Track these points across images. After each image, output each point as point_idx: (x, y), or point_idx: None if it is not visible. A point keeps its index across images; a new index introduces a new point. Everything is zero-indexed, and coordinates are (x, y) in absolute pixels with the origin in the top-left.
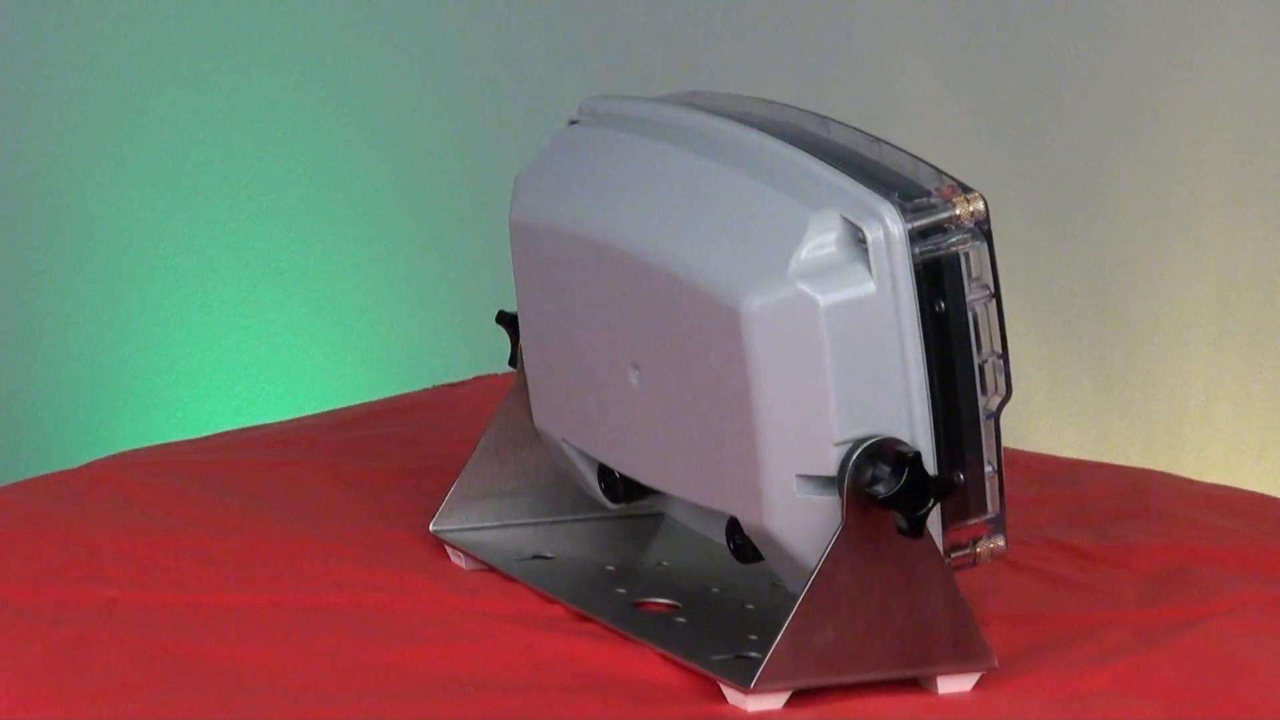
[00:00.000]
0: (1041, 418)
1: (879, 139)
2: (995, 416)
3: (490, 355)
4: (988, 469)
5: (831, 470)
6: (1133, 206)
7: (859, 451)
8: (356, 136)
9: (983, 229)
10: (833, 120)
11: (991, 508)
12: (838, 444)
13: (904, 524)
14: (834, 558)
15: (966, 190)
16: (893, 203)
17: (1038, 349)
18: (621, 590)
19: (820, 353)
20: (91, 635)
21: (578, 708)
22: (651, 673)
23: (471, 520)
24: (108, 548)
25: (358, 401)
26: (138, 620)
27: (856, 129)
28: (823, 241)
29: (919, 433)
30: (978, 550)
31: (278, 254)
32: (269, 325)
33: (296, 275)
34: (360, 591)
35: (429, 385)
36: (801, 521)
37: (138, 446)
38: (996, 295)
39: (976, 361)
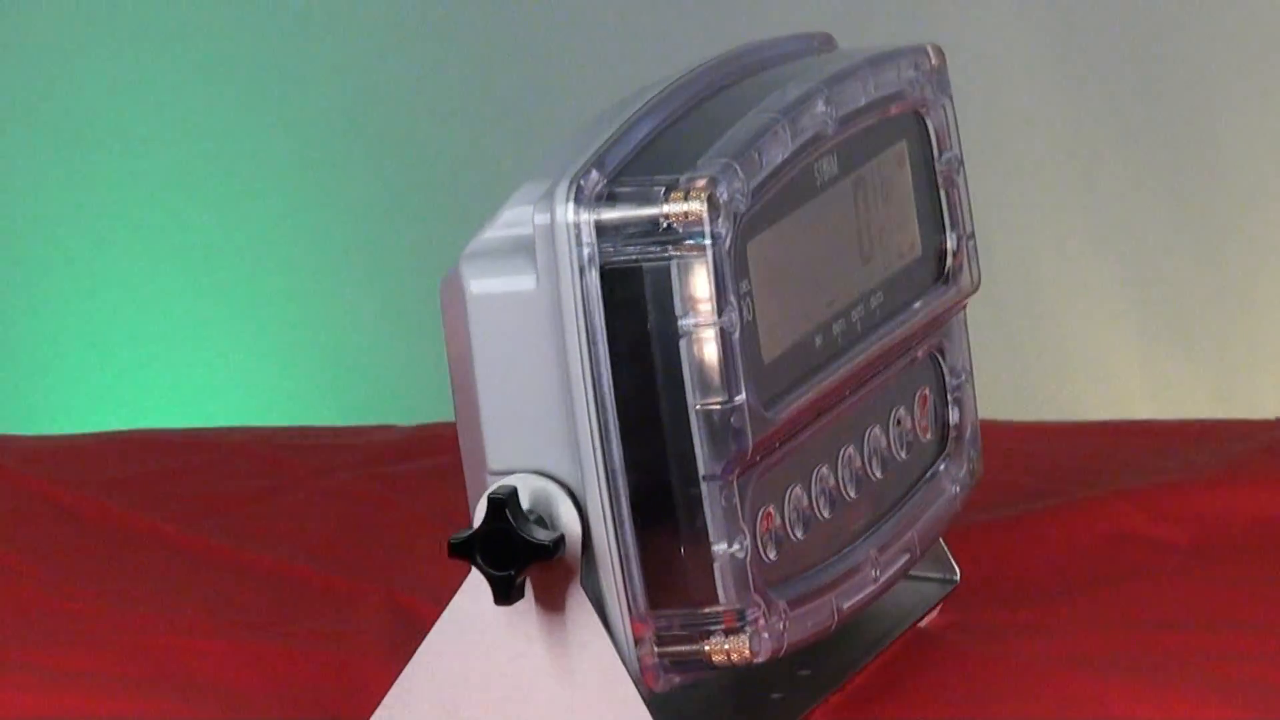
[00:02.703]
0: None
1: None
2: (726, 476)
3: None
4: (720, 545)
5: None
6: (1260, 167)
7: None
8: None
9: (700, 238)
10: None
11: (728, 597)
12: (492, 473)
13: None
14: (452, 620)
15: (693, 186)
16: (578, 183)
17: (1140, 349)
18: None
19: (470, 353)
20: None
21: None
22: None
23: None
24: None
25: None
26: None
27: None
28: (520, 216)
29: (588, 483)
30: (705, 649)
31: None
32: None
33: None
34: None
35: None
36: None
37: None
38: (744, 318)
39: (694, 405)
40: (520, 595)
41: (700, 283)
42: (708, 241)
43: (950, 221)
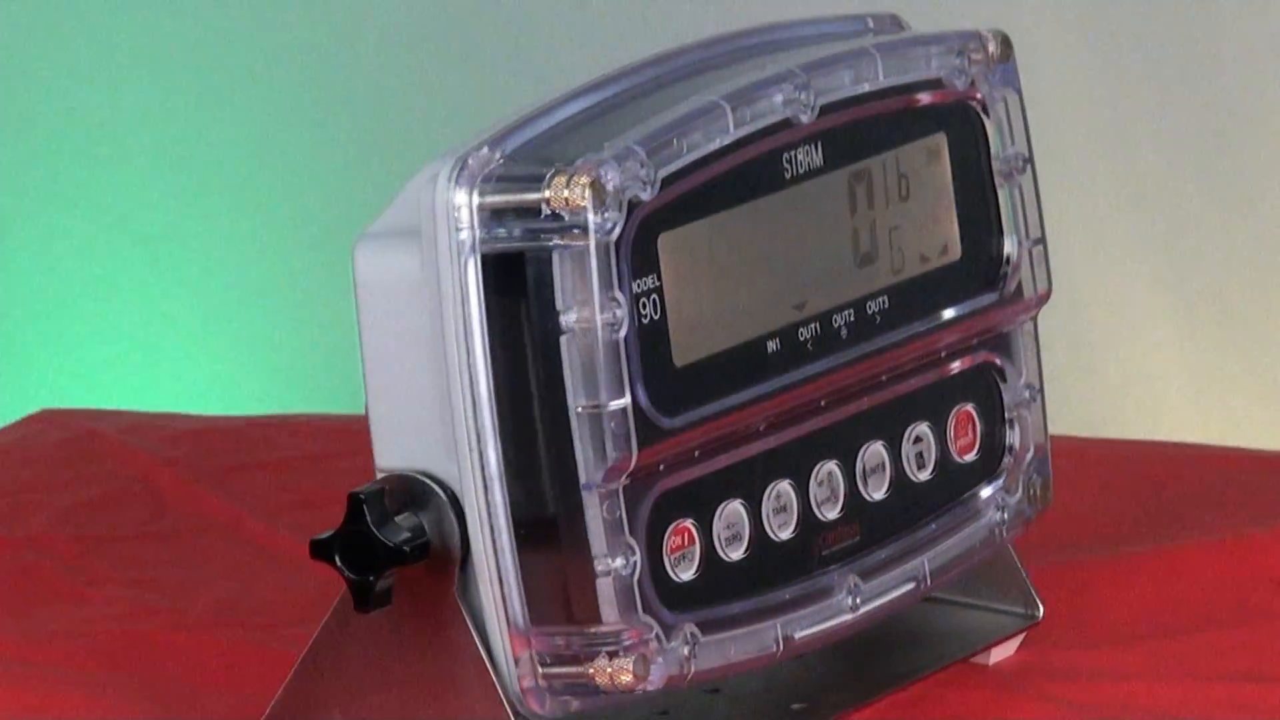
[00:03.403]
0: (1186, 427)
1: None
2: (608, 485)
3: None
4: (602, 563)
5: None
6: None
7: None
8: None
9: (583, 227)
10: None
11: (610, 616)
12: (380, 471)
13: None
14: (330, 627)
15: (576, 171)
16: (465, 162)
17: (1179, 348)
18: None
19: (360, 342)
20: None
21: None
22: None
23: None
24: None
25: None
26: None
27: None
28: (416, 196)
29: (465, 487)
30: (589, 671)
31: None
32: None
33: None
34: None
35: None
36: None
37: None
38: (643, 311)
39: (574, 407)
40: (384, 602)
41: (581, 276)
42: (590, 231)
43: (1009, 224)
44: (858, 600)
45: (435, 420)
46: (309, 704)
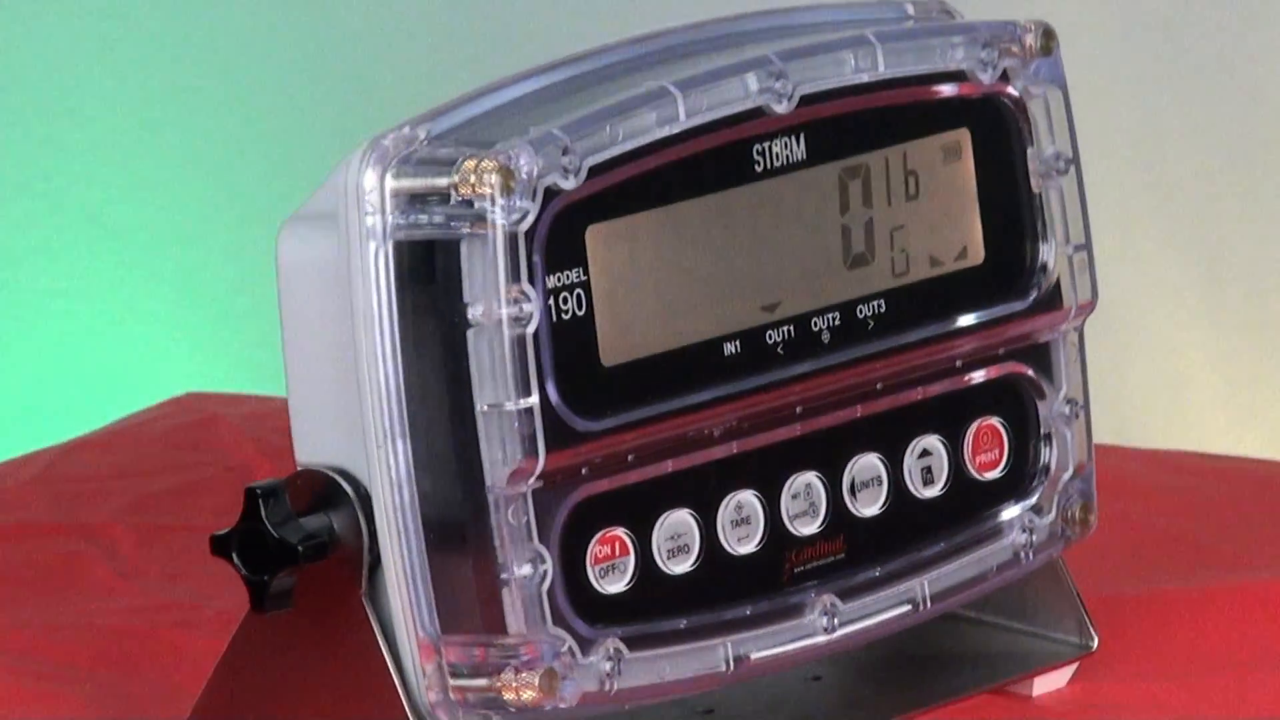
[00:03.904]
0: (1217, 433)
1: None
2: (515, 488)
3: None
4: (508, 572)
5: None
6: None
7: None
8: None
9: (490, 215)
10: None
11: (516, 626)
12: (300, 465)
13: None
14: (243, 634)
15: (487, 155)
16: (382, 143)
17: (1212, 352)
18: None
19: (281, 328)
20: None
21: None
22: None
23: None
24: None
25: None
26: None
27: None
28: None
29: (374, 485)
30: (497, 685)
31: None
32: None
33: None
34: None
35: None
36: None
37: None
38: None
39: (479, 405)
40: (282, 604)
41: (487, 266)
42: (496, 220)
43: (1046, 229)
44: (835, 621)
45: (351, 415)
46: (228, 707)
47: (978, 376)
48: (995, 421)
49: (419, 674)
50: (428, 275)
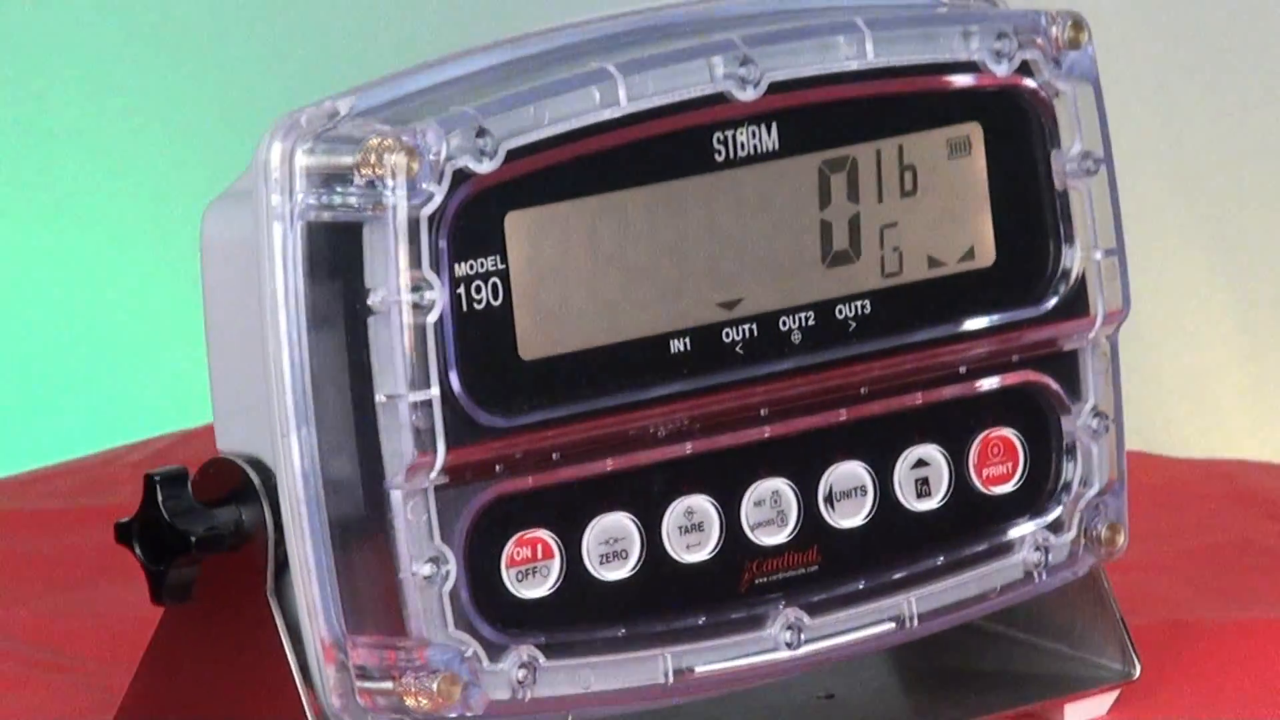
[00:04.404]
0: (1244, 435)
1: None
2: (413, 484)
3: None
4: (406, 571)
5: None
6: None
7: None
8: None
9: (390, 198)
10: None
11: (415, 628)
12: (220, 453)
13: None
14: (162, 628)
15: (390, 135)
16: (298, 119)
17: (1233, 332)
18: None
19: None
20: None
21: None
22: None
23: None
24: None
25: None
26: None
27: None
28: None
29: (280, 475)
30: (399, 689)
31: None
32: None
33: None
34: None
35: None
36: None
37: None
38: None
39: (378, 396)
40: (181, 596)
41: (388, 251)
42: (396, 202)
43: (1070, 231)
44: (800, 637)
45: (264, 402)
46: (148, 701)
47: (986, 384)
48: (1008, 433)
49: (324, 675)
50: (333, 259)
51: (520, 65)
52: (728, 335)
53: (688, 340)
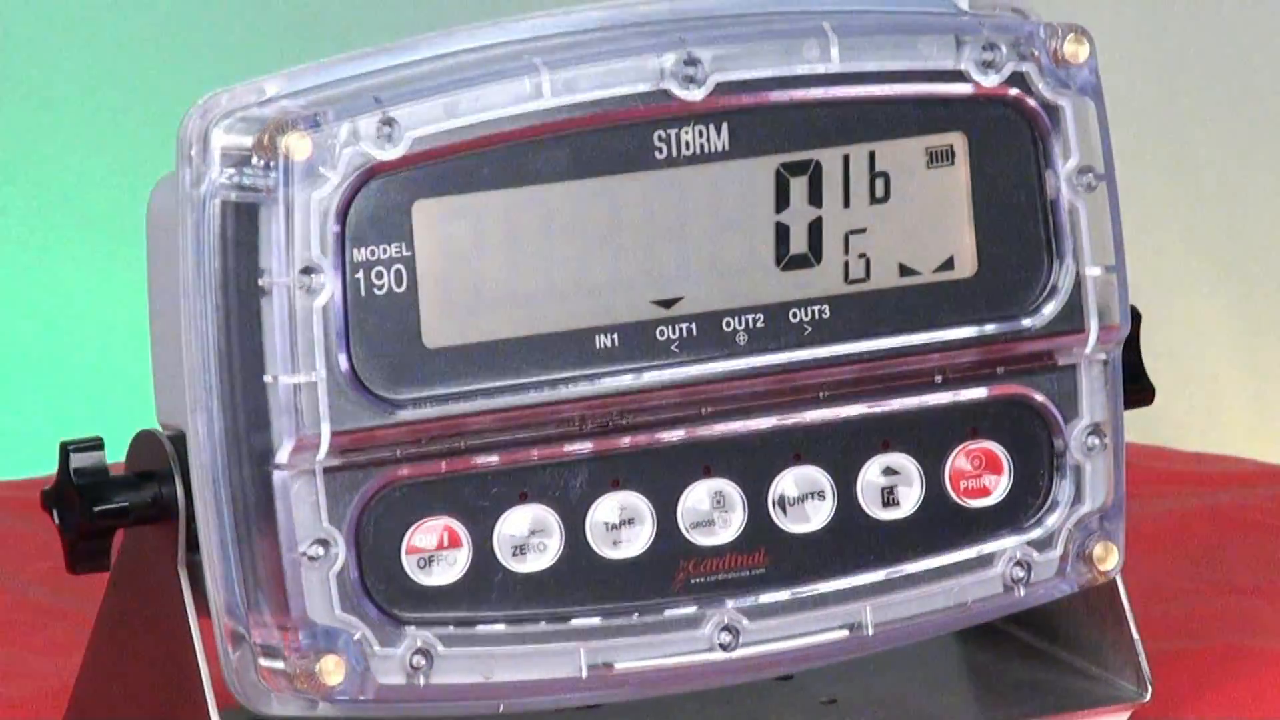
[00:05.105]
0: (1242, 436)
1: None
2: (297, 465)
3: None
4: (293, 552)
5: None
6: None
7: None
8: None
9: (279, 180)
10: None
11: (298, 610)
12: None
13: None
14: (107, 594)
15: (286, 118)
16: (222, 96)
17: (1233, 332)
18: None
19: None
20: None
21: None
22: None
23: None
24: None
25: None
26: None
27: None
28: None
29: (191, 451)
30: (291, 671)
31: None
32: None
33: None
34: None
35: None
36: None
37: None
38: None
39: (267, 376)
40: (94, 566)
41: (277, 233)
42: (291, 184)
43: (1063, 246)
44: (738, 639)
45: (179, 360)
46: (102, 666)
47: (967, 395)
48: (991, 445)
49: (229, 652)
50: (239, 238)
51: (456, 57)
52: (662, 333)
53: (616, 336)
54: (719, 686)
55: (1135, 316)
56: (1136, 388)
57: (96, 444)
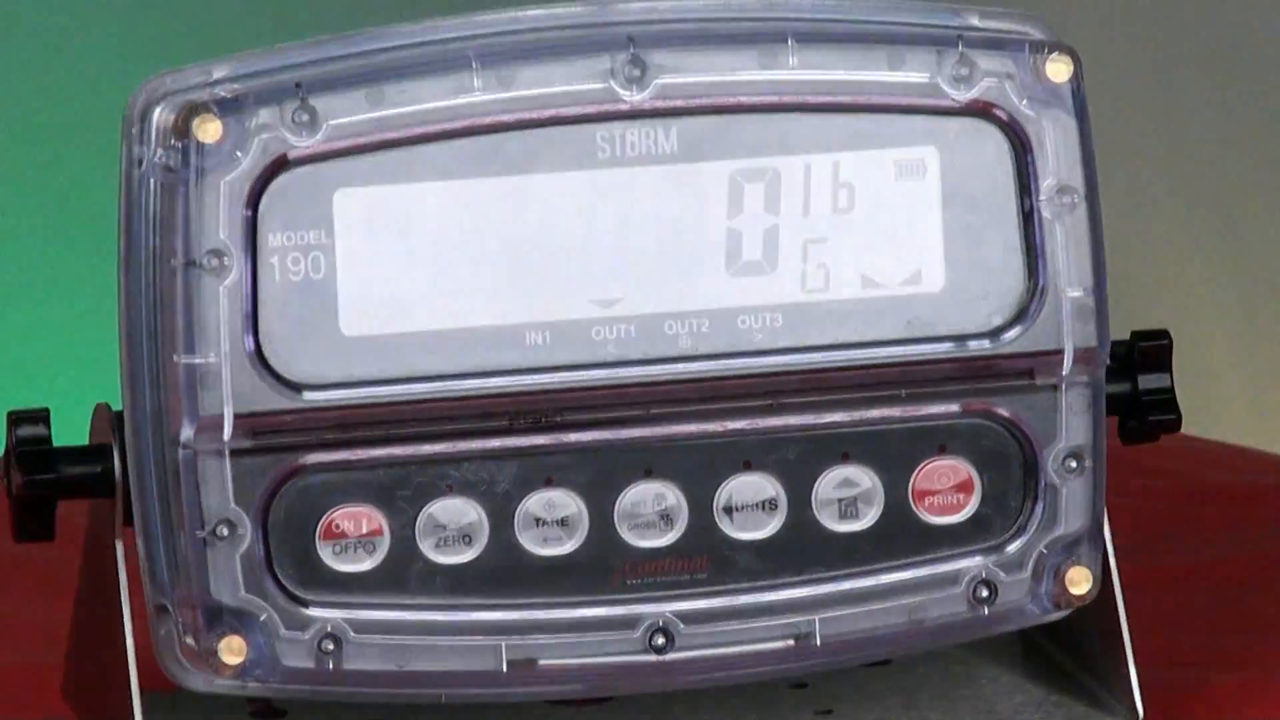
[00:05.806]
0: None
1: None
2: (202, 445)
3: None
4: (201, 531)
5: None
6: None
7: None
8: None
9: (196, 160)
10: None
11: (199, 589)
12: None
13: None
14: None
15: (198, 103)
16: (165, 78)
17: (1233, 332)
18: None
19: None
20: None
21: None
22: None
23: None
24: None
25: None
26: None
27: None
28: None
29: (126, 428)
30: (202, 648)
31: None
32: None
33: None
34: None
35: None
36: None
37: None
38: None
39: (171, 355)
40: (37, 535)
41: (185, 214)
42: (201, 166)
43: (1039, 266)
44: (672, 642)
45: None
46: (75, 635)
47: (933, 411)
48: (959, 463)
49: (154, 629)
50: (160, 218)
51: (391, 51)
52: (598, 333)
53: (548, 333)
54: (660, 691)
55: (1165, 340)
56: (1166, 417)
57: (42, 415)
